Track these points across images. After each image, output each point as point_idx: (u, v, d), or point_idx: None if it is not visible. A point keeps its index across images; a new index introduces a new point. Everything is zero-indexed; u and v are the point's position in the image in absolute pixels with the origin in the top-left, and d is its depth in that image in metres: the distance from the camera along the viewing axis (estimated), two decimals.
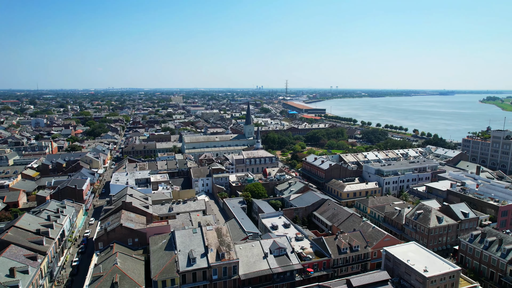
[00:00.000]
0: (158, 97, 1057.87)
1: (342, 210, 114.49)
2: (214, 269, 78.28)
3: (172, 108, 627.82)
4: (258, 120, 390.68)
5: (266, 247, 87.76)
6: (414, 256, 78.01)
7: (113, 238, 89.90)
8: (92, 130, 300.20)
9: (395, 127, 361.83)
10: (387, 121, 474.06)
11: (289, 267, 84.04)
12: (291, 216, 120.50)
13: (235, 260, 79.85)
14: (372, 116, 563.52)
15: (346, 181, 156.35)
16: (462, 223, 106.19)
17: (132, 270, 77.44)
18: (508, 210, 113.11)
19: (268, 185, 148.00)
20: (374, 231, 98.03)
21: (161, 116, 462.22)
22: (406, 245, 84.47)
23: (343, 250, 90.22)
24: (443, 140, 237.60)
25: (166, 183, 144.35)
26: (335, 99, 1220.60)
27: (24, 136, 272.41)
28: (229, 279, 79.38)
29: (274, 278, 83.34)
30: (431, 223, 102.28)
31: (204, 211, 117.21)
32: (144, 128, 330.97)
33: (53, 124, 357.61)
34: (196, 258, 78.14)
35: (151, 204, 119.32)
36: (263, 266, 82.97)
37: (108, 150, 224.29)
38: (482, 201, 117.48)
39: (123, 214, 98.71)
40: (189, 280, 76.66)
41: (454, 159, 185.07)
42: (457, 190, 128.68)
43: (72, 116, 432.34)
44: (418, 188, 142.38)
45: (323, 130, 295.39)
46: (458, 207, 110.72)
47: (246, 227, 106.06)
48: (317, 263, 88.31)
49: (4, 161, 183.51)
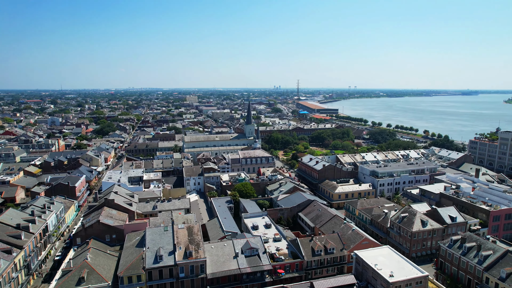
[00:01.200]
0: (174, 97, 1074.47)
1: (325, 212, 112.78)
2: (181, 267, 78.83)
3: (185, 107, 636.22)
4: (266, 120, 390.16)
5: (238, 247, 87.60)
6: (384, 260, 75.91)
7: (91, 234, 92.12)
8: (101, 128, 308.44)
9: (406, 127, 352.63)
10: (400, 121, 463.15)
11: (259, 267, 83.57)
12: (276, 217, 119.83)
13: (203, 259, 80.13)
14: (386, 116, 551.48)
15: (340, 182, 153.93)
16: (448, 227, 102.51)
17: (102, 266, 79.12)
18: (500, 215, 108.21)
19: (259, 185, 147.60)
20: (353, 234, 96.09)
21: (172, 116, 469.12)
22: (379, 249, 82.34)
23: (317, 252, 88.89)
24: (450, 141, 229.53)
25: (158, 181, 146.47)
26: (352, 99, 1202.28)
27: (37, 134, 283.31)
28: (196, 278, 79.70)
29: (243, 278, 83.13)
30: (414, 227, 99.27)
31: (188, 209, 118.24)
32: (153, 127, 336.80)
33: (67, 122, 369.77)
34: (163, 256, 78.94)
35: (137, 202, 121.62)
36: (232, 266, 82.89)
37: (112, 149, 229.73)
38: (473, 205, 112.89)
39: (104, 211, 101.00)
40: (156, 277, 77.51)
41: (458, 161, 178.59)
42: (450, 193, 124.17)
43: (86, 115, 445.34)
44: (412, 191, 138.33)
45: (329, 130, 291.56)
46: (446, 211, 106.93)
47: (226, 226, 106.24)
48: (289, 264, 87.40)
49: (11, 158, 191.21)
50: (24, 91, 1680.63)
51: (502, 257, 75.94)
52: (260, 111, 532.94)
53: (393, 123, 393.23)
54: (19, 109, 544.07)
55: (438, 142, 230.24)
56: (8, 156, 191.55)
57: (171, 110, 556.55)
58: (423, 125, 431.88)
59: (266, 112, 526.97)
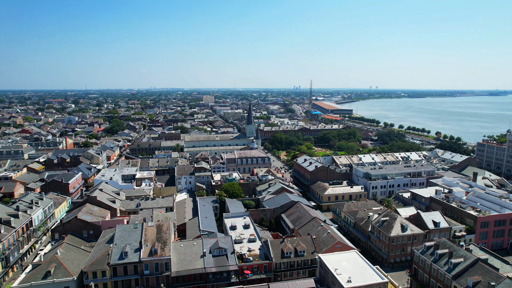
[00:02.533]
0: (192, 97, 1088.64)
1: (306, 214, 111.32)
2: (145, 264, 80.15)
3: (199, 107, 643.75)
4: (275, 120, 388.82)
5: (207, 247, 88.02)
6: (347, 265, 74.26)
7: (69, 229, 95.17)
8: (111, 127, 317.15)
9: (417, 129, 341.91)
10: (415, 122, 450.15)
11: (224, 267, 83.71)
12: (258, 217, 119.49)
13: (167, 256, 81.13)
14: (401, 117, 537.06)
15: (333, 184, 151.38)
16: (431, 233, 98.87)
17: (71, 261, 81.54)
18: (489, 222, 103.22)
19: (248, 185, 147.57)
20: (328, 237, 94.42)
21: (184, 115, 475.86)
22: (346, 253, 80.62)
23: (286, 254, 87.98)
24: (458, 143, 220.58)
25: (150, 179, 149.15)
26: (371, 99, 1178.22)
27: (50, 132, 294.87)
28: (161, 275, 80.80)
29: (209, 278, 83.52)
30: (393, 231, 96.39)
31: (171, 208, 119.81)
32: (162, 127, 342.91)
33: (81, 121, 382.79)
34: (129, 253, 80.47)
35: (124, 199, 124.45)
36: (197, 265, 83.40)
37: (117, 147, 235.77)
38: (461, 211, 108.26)
39: (85, 207, 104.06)
40: (120, 273, 79.14)
41: (461, 164, 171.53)
42: (441, 197, 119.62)
43: (101, 115, 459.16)
44: (403, 194, 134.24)
45: (335, 131, 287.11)
46: (430, 216, 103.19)
47: (204, 225, 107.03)
48: (257, 265, 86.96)
49: (20, 155, 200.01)
50: (52, 91, 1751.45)
51: (472, 265, 72.57)
52: (272, 111, 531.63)
53: (407, 124, 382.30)
54: (42, 109, 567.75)
55: (445, 144, 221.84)
56: (17, 153, 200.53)
57: (185, 110, 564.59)
58: (438, 126, 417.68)
59: (278, 112, 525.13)
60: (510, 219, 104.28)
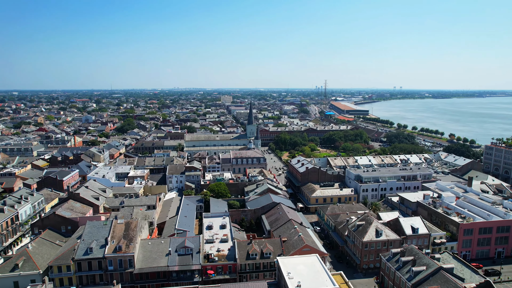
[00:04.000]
0: (212, 97, 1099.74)
1: (284, 215, 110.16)
2: (109, 260, 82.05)
3: (215, 107, 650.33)
4: (284, 121, 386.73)
5: (174, 245, 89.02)
6: (303, 269, 72.85)
7: (48, 224, 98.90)
8: (122, 126, 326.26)
9: (431, 130, 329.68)
10: (434, 124, 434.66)
11: (187, 266, 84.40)
12: (239, 218, 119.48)
13: (131, 253, 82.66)
14: (419, 118, 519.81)
15: (324, 186, 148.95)
16: (408, 239, 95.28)
17: (41, 255, 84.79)
18: (473, 229, 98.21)
19: (237, 185, 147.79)
20: (298, 240, 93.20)
21: (198, 115, 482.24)
22: (306, 257, 79.10)
23: (251, 256, 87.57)
24: (465, 146, 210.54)
25: (142, 178, 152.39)
26: (393, 100, 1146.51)
27: (64, 131, 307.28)
28: (124, 271, 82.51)
29: (172, 276, 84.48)
30: (366, 236, 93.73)
31: (154, 206, 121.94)
32: (173, 126, 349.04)
33: (97, 120, 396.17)
34: (94, 248, 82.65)
35: (111, 196, 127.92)
36: (161, 263, 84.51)
37: (123, 146, 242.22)
38: (445, 216, 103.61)
39: (67, 204, 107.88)
40: (85, 269, 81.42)
41: (463, 167, 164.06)
42: (428, 202, 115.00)
43: (118, 114, 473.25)
44: (392, 198, 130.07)
45: (341, 132, 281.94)
46: (410, 221, 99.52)
47: (180, 224, 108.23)
48: (222, 266, 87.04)
49: (29, 152, 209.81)
50: (80, 91, 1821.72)
51: (433, 274, 69.52)
52: (285, 112, 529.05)
53: (423, 125, 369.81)
54: (64, 108, 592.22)
55: (453, 147, 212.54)
56: (26, 150, 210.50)
57: (199, 109, 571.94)
58: (456, 128, 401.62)
59: (291, 112, 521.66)
60: (497, 227, 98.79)
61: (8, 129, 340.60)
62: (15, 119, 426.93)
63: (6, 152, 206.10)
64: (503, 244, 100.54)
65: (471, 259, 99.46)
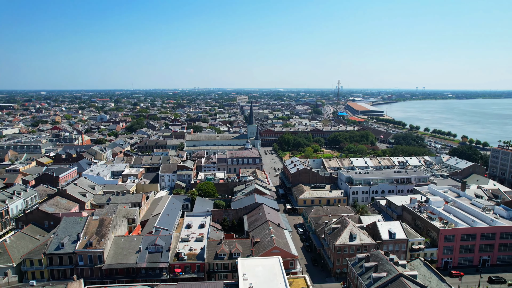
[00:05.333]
0: (229, 97, 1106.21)
1: (263, 216, 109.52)
2: (79, 255, 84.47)
3: (229, 107, 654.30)
4: (293, 121, 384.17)
5: (146, 243, 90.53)
6: (261, 271, 72.28)
7: (31, 219, 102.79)
8: (131, 126, 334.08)
9: (443, 132, 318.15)
10: (450, 125, 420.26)
11: (155, 264, 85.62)
12: (221, 218, 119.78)
13: (100, 249, 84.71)
14: (436, 119, 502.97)
15: (315, 187, 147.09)
16: (383, 244, 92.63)
17: (18, 249, 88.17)
18: (455, 235, 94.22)
19: (227, 185, 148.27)
20: (269, 241, 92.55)
21: (210, 114, 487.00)
22: (267, 259, 78.45)
23: (220, 256, 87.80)
24: (472, 149, 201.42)
25: (135, 176, 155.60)
26: (414, 100, 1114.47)
27: (76, 129, 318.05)
28: (94, 267, 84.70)
29: (141, 273, 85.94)
30: (339, 239, 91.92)
31: (139, 204, 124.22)
32: (182, 126, 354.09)
33: (110, 119, 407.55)
34: (66, 243, 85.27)
35: (100, 193, 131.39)
36: (130, 260, 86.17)
37: (128, 144, 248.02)
38: (426, 221, 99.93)
39: (53, 200, 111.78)
40: (56, 263, 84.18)
41: (464, 171, 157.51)
42: (413, 206, 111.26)
43: (131, 113, 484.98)
44: (380, 201, 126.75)
45: (346, 133, 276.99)
46: (388, 226, 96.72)
47: (161, 222, 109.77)
48: (190, 265, 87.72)
49: (38, 150, 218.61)
50: (103, 91, 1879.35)
51: (393, 280, 67.32)
52: (297, 112, 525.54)
53: (439, 127, 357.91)
54: (83, 107, 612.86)
55: (459, 149, 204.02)
56: (35, 147, 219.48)
57: (212, 109, 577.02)
58: (474, 129, 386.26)
59: (303, 113, 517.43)
60: (481, 234, 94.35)
61: (26, 127, 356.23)
62: (35, 118, 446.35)
63: (16, 150, 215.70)
64: (489, 252, 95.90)
65: (453, 267, 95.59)
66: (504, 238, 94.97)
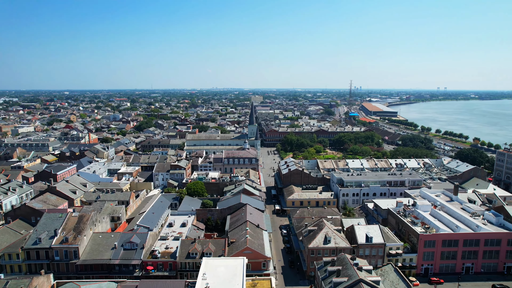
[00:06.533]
0: (245, 97, 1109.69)
1: (243, 217, 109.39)
2: (55, 251, 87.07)
3: (242, 107, 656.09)
4: (301, 121, 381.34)
5: (122, 240, 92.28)
6: (222, 272, 72.28)
7: (19, 214, 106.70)
8: (140, 125, 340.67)
9: (454, 134, 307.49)
10: (466, 127, 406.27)
11: (128, 261, 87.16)
12: (205, 217, 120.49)
13: (75, 245, 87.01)
14: (452, 120, 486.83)
15: (306, 188, 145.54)
16: (359, 248, 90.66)
17: (0, 243, 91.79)
18: (435, 241, 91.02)
19: (218, 185, 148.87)
20: (243, 242, 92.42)
21: (220, 114, 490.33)
22: (232, 259, 78.55)
23: (192, 255, 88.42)
24: (478, 151, 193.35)
25: (130, 174, 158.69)
26: (433, 101, 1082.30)
27: (87, 128, 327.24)
28: (69, 262, 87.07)
29: (115, 269, 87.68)
30: (313, 242, 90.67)
31: (127, 201, 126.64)
32: (186, 126, 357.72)
33: (123, 119, 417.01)
34: (43, 239, 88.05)
35: (92, 191, 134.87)
36: (105, 256, 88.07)
37: (133, 143, 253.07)
38: (408, 226, 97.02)
39: (43, 196, 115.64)
40: (33, 257, 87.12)
41: (464, 174, 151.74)
42: (398, 210, 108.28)
43: (143, 113, 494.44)
44: (368, 204, 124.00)
45: (351, 134, 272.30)
46: (366, 230, 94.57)
47: (144, 221, 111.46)
48: (162, 263, 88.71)
49: (46, 148, 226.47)
50: (122, 90, 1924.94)
51: (352, 286, 65.85)
52: (308, 112, 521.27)
53: (455, 128, 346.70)
54: (99, 107, 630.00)
55: (464, 152, 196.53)
56: (43, 145, 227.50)
57: (224, 109, 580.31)
58: (491, 131, 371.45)
59: (314, 113, 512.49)
60: (464, 240, 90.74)
61: (42, 126, 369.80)
62: (53, 117, 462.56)
63: (26, 147, 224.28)
64: (472, 259, 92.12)
65: (434, 274, 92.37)
66: (489, 245, 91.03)
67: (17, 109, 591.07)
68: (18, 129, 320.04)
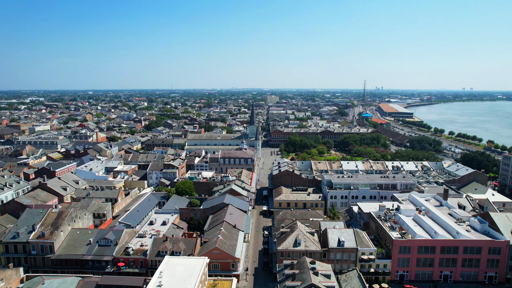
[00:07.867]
0: (262, 97, 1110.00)
1: (222, 217, 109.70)
2: (32, 245, 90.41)
3: (255, 107, 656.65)
4: (309, 122, 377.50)
5: (98, 236, 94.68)
6: (179, 271, 72.76)
7: (8, 209, 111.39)
8: (149, 124, 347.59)
9: (467, 136, 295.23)
10: (486, 129, 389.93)
11: (100, 257, 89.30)
12: (188, 216, 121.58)
13: (51, 240, 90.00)
14: (472, 122, 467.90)
15: (296, 190, 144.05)
16: (330, 252, 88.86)
17: None
18: (411, 247, 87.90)
19: (208, 184, 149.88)
20: (214, 242, 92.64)
21: (232, 114, 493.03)
22: (194, 259, 79.00)
23: (162, 253, 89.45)
24: (485, 155, 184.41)
25: (125, 173, 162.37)
26: (456, 102, 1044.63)
27: (99, 127, 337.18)
28: (45, 256, 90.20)
29: (88, 264, 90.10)
30: (282, 244, 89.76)
31: (115, 199, 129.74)
32: (193, 125, 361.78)
33: (135, 118, 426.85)
34: (21, 233, 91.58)
35: (82, 188, 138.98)
36: (79, 251, 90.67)
37: (139, 142, 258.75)
38: (384, 231, 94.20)
39: (33, 192, 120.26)
40: (11, 251, 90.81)
41: (463, 178, 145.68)
42: (380, 214, 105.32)
43: (156, 112, 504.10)
44: (353, 207, 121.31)
45: (357, 135, 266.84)
46: (339, 233, 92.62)
47: (126, 218, 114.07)
48: (134, 260, 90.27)
49: (54, 145, 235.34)
50: (143, 90, 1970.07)
51: None
52: (320, 113, 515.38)
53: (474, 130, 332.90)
54: (116, 106, 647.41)
55: (469, 155, 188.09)
56: (52, 143, 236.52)
57: (237, 109, 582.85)
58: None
59: (326, 114, 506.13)
60: (441, 247, 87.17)
61: (58, 124, 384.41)
62: (71, 116, 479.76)
63: (36, 145, 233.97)
64: (451, 267, 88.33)
65: (409, 281, 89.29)
66: (469, 252, 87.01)
67: (40, 108, 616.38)
68: (35, 128, 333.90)
